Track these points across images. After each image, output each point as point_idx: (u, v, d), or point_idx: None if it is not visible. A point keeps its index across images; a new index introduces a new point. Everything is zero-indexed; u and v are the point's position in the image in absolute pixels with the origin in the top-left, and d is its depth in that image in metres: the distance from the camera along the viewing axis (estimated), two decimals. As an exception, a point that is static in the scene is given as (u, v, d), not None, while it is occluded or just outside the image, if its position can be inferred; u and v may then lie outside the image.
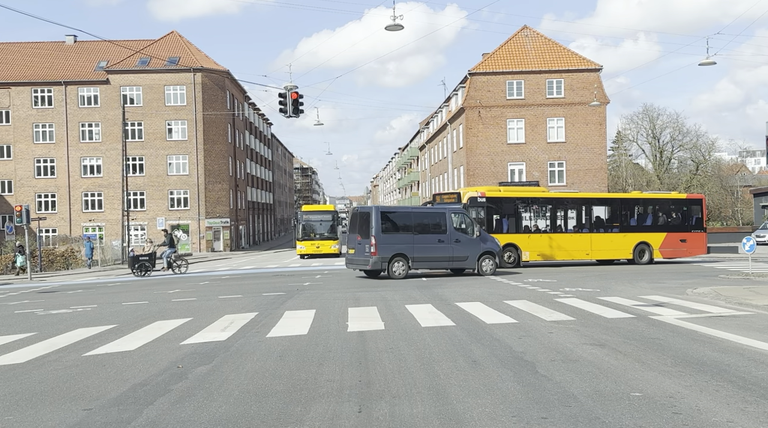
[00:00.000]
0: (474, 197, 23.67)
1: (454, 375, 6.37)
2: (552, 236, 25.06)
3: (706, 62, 24.80)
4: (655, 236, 26.53)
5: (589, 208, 26.22)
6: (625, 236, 26.07)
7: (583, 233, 25.54)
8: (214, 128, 52.20)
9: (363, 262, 19.56)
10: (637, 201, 27.22)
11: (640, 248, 26.15)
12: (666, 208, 27.38)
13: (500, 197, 24.71)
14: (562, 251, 25.06)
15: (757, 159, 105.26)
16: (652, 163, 69.97)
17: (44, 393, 6.02)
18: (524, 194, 25.96)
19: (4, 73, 52.27)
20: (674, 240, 26.87)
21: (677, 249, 27.07)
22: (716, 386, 5.77)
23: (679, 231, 27.05)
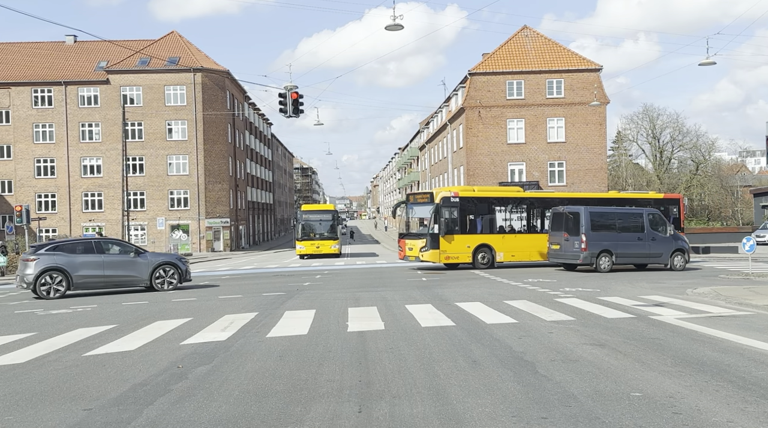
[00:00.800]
0: (447, 197, 23.31)
1: (454, 375, 6.37)
2: (527, 236, 24.72)
3: (706, 62, 24.80)
4: None
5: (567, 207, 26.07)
6: None
7: None
8: (214, 128, 52.20)
9: (572, 257, 21.55)
10: (613, 201, 26.62)
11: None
12: (643, 207, 27.03)
13: (473, 197, 24.34)
14: (537, 252, 24.57)
15: (757, 159, 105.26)
16: (652, 163, 69.97)
17: (44, 393, 6.02)
18: (498, 194, 25.63)
19: (4, 73, 52.27)
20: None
21: None
22: (716, 386, 5.77)
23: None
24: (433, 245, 22.94)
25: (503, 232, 24.54)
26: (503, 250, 24.09)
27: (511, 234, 24.55)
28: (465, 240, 23.56)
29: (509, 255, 24.17)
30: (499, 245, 24.12)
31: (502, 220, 24.92)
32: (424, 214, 23.87)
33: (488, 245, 23.85)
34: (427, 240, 23.07)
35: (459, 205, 23.51)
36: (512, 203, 25.06)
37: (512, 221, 25.05)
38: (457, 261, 23.56)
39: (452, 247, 23.22)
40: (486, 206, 24.40)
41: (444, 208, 23.19)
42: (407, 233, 24.78)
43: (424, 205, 23.91)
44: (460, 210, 23.65)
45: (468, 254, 23.46)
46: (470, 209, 24.03)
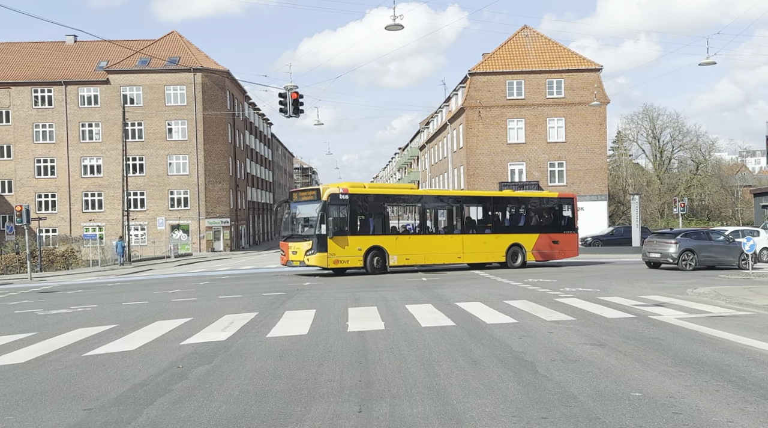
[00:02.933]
0: (335, 194, 21.17)
1: (454, 375, 6.37)
2: (422, 237, 23.11)
3: (706, 62, 24.80)
4: (527, 237, 25.31)
5: (460, 207, 24.50)
6: (497, 237, 24.65)
7: (454, 235, 23.82)
8: (214, 128, 52.20)
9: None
10: (510, 200, 25.89)
11: (513, 250, 24.84)
12: (538, 208, 26.40)
13: (365, 194, 22.28)
14: (432, 254, 23.23)
15: (757, 159, 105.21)
16: (652, 163, 69.95)
17: (44, 393, 6.02)
18: (391, 191, 23.70)
19: (4, 73, 52.27)
20: (547, 242, 25.83)
21: (550, 251, 26.06)
22: (716, 386, 5.77)
23: (551, 232, 26.06)
24: (320, 248, 20.72)
25: (396, 233, 22.75)
26: (397, 252, 22.28)
27: (405, 235, 22.86)
28: (356, 242, 21.53)
29: (403, 258, 22.42)
30: (393, 247, 22.24)
31: (396, 219, 23.31)
32: (310, 213, 21.47)
33: (381, 248, 21.96)
34: (313, 242, 20.79)
35: (349, 203, 21.40)
36: (406, 202, 23.50)
37: (407, 220, 23.67)
38: (347, 265, 21.61)
39: (342, 249, 21.22)
40: (378, 204, 22.35)
41: (332, 206, 21.06)
42: (291, 235, 22.11)
43: (309, 203, 21.71)
44: (351, 209, 21.54)
45: (359, 258, 21.53)
46: (361, 208, 21.98)
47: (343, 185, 22.26)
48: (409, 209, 23.61)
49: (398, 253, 22.30)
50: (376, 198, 22.38)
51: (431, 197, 24.56)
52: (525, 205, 26.00)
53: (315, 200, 21.42)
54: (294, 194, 22.98)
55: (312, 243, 20.81)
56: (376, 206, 22.33)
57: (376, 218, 22.28)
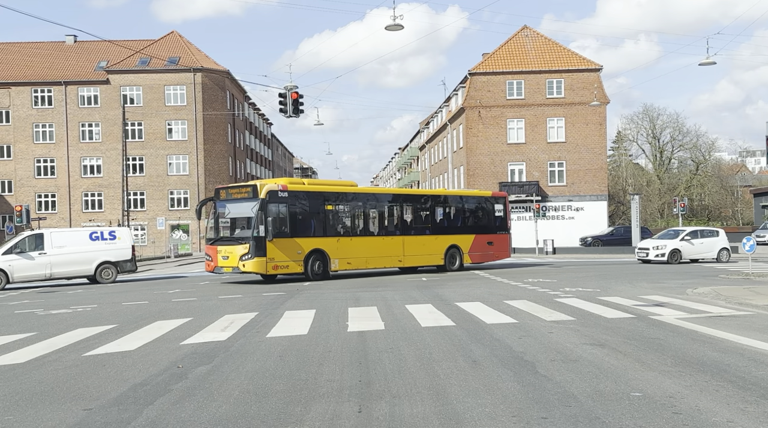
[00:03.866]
0: (274, 191, 19.16)
1: (454, 375, 6.37)
2: (363, 239, 21.61)
3: (706, 62, 24.81)
4: (464, 238, 24.30)
5: (400, 206, 23.20)
6: (436, 238, 23.48)
7: (395, 236, 22.42)
8: (214, 128, 52.20)
9: None
10: (447, 199, 24.78)
11: (451, 253, 23.73)
12: (474, 207, 25.43)
13: (305, 191, 20.50)
14: (374, 258, 21.67)
15: (757, 159, 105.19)
16: (652, 163, 69.99)
17: (44, 393, 6.02)
18: (331, 188, 21.72)
19: (4, 73, 52.27)
20: (482, 243, 24.91)
21: (485, 253, 25.15)
22: (716, 386, 5.77)
23: (486, 233, 25.14)
24: (258, 252, 18.58)
25: (338, 235, 20.94)
26: (338, 256, 20.56)
27: (346, 237, 21.10)
28: (296, 245, 19.57)
29: (345, 263, 20.78)
30: (334, 250, 20.49)
31: (337, 220, 21.44)
32: (245, 212, 19.32)
33: (322, 251, 20.14)
34: (250, 246, 18.59)
35: (288, 201, 19.55)
36: (347, 200, 21.71)
37: (348, 220, 21.77)
38: (287, 271, 19.56)
39: (282, 253, 19.15)
40: (319, 202, 20.58)
41: (271, 205, 19.00)
42: (220, 238, 19.86)
43: (243, 201, 19.36)
44: (290, 208, 19.64)
45: (299, 262, 19.58)
46: (301, 207, 20.12)
47: (282, 181, 20.25)
48: (350, 209, 21.83)
49: (340, 257, 20.61)
50: (316, 196, 20.62)
51: (371, 195, 23.00)
52: (462, 204, 25.05)
53: (250, 198, 19.09)
54: (222, 192, 20.39)
55: (249, 247, 18.61)
56: (317, 204, 20.56)
57: (316, 219, 20.51)
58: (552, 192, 44.01)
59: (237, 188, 20.25)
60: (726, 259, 27.37)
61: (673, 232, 28.11)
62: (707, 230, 28.84)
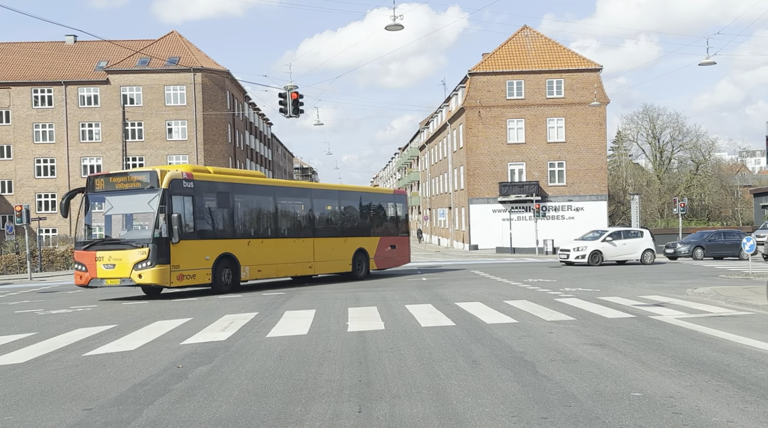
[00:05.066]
0: (178, 180, 15.52)
1: (454, 375, 6.37)
2: (275, 242, 18.54)
3: (706, 62, 24.80)
4: (370, 241, 21.91)
5: (310, 203, 20.04)
6: (345, 241, 20.84)
7: (306, 238, 19.55)
8: (214, 128, 52.22)
9: None
10: (354, 196, 22.24)
11: (359, 258, 21.19)
12: (379, 205, 23.01)
13: (214, 181, 17.09)
14: (285, 264, 18.73)
15: (757, 159, 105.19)
16: (652, 163, 69.96)
17: (44, 393, 6.02)
18: (241, 179, 18.44)
19: (4, 73, 52.27)
20: (386, 247, 22.67)
21: (389, 258, 22.81)
22: (716, 386, 5.77)
23: (389, 235, 22.96)
24: (160, 258, 14.77)
25: (248, 236, 17.69)
26: (249, 262, 17.30)
27: (257, 239, 17.91)
28: (203, 248, 16.08)
29: (255, 270, 17.52)
30: (245, 255, 17.20)
31: (249, 218, 18.21)
32: (139, 207, 15.54)
33: (232, 257, 16.81)
34: (150, 250, 14.67)
35: (195, 193, 16.06)
36: (258, 194, 18.50)
37: (259, 219, 18.58)
38: (193, 282, 15.81)
39: (188, 259, 15.48)
40: (228, 195, 17.29)
41: (176, 198, 15.36)
42: (100, 241, 15.68)
43: (137, 193, 15.42)
44: (197, 201, 16.13)
45: (207, 271, 15.98)
46: (209, 201, 16.77)
47: (185, 168, 16.69)
48: (261, 205, 18.61)
49: (251, 263, 17.38)
50: (225, 188, 17.31)
51: (283, 189, 19.90)
52: (368, 202, 22.49)
53: (147, 189, 15.24)
54: (100, 181, 16.11)
55: (148, 252, 14.69)
56: (226, 198, 17.22)
57: (226, 216, 17.20)
58: (552, 192, 44.00)
59: (124, 176, 16.13)
60: (650, 261, 26.84)
61: (596, 233, 27.85)
62: (632, 231, 28.27)
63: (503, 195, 43.28)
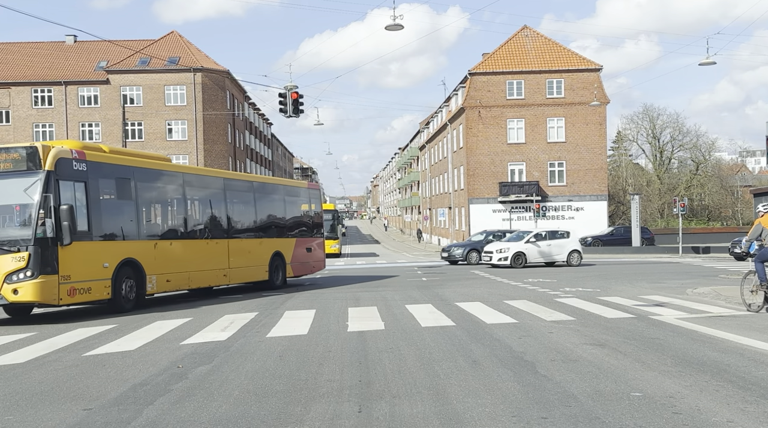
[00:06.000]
0: (67, 160, 11.82)
1: (454, 375, 6.37)
2: (186, 244, 15.00)
3: (706, 62, 24.80)
4: (287, 243, 19.15)
5: (223, 196, 16.65)
6: (261, 243, 17.90)
7: (220, 240, 16.13)
8: (214, 128, 52.22)
9: None
10: (270, 189, 19.37)
11: (276, 263, 18.32)
12: (293, 201, 19.98)
13: (113, 165, 13.10)
14: (198, 273, 15.06)
15: (757, 159, 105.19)
16: (652, 163, 69.97)
17: (44, 393, 6.02)
18: (148, 163, 14.25)
19: (4, 73, 52.27)
20: (303, 250, 19.99)
21: (305, 263, 20.16)
22: (716, 386, 5.77)
23: (306, 236, 20.29)
24: (44, 266, 11.16)
25: (154, 237, 14.01)
26: (156, 270, 13.61)
27: (165, 240, 14.24)
28: (101, 253, 12.38)
29: (163, 280, 13.84)
30: (151, 261, 13.49)
31: (155, 213, 14.52)
32: (15, 196, 11.47)
33: (136, 263, 13.05)
34: (30, 255, 11.06)
35: (88, 178, 12.22)
36: (165, 182, 14.76)
37: (167, 215, 15.00)
38: (89, 298, 12.14)
39: (81, 267, 11.80)
40: (129, 184, 13.27)
41: (64, 184, 11.69)
42: None
43: (10, 176, 11.52)
44: (91, 190, 12.30)
45: (106, 282, 12.32)
46: (106, 190, 12.93)
47: (71, 144, 12.60)
48: (169, 196, 14.94)
49: (158, 271, 13.68)
50: (126, 173, 13.27)
51: (194, 177, 16.19)
52: (283, 196, 19.45)
53: (23, 171, 11.46)
54: None
55: (27, 257, 11.06)
56: (127, 187, 13.26)
57: (127, 210, 13.26)
58: (552, 192, 44.01)
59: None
60: (577, 262, 26.03)
61: (521, 234, 27.20)
62: (558, 232, 27.33)
63: (503, 195, 43.28)
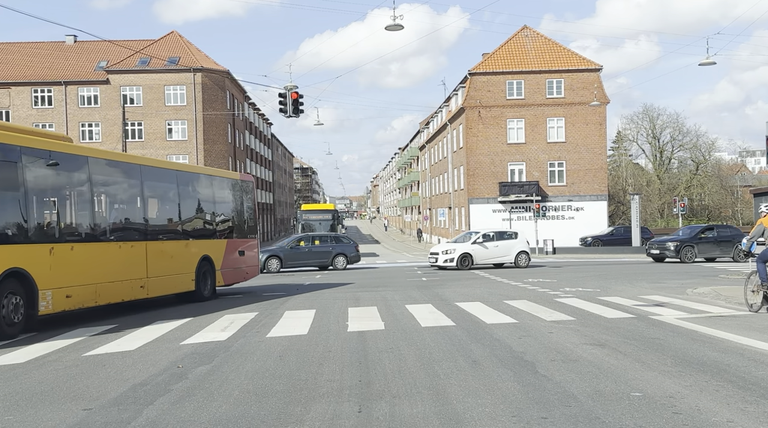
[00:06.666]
0: None
1: (454, 375, 6.37)
2: (93, 248, 11.70)
3: (706, 62, 24.79)
4: (217, 246, 15.79)
5: (140, 186, 13.38)
6: (187, 246, 14.52)
7: (136, 243, 12.89)
8: (214, 128, 52.23)
9: None
10: (198, 181, 15.55)
11: (204, 270, 14.91)
12: (224, 195, 16.64)
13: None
14: (108, 285, 11.86)
15: (757, 159, 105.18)
16: (652, 163, 69.96)
17: (44, 393, 6.02)
18: (43, 143, 10.86)
19: (4, 73, 52.27)
20: (234, 253, 16.59)
21: (237, 269, 16.70)
22: (716, 386, 5.77)
23: (238, 237, 16.92)
24: None
25: (51, 239, 10.67)
26: (52, 284, 10.41)
27: (65, 244, 10.91)
28: None
29: (62, 296, 10.62)
30: (45, 271, 10.32)
31: (52, 208, 11.04)
32: None
33: (24, 274, 9.86)
34: None
35: None
36: (69, 169, 11.47)
37: (70, 211, 11.50)
38: None
39: None
40: (16, 169, 10.07)
41: None
42: None
43: None
44: None
45: None
46: None
47: None
48: (69, 186, 11.58)
49: (55, 285, 10.49)
50: (11, 155, 10.00)
51: (103, 163, 12.44)
52: (212, 189, 15.99)
53: None
54: None
55: None
56: (10, 172, 9.98)
57: (9, 204, 9.92)
58: (552, 192, 44.01)
59: None
60: (525, 264, 25.55)
61: (468, 235, 26.57)
62: (506, 233, 26.78)
63: (503, 195, 43.28)
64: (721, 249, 27.12)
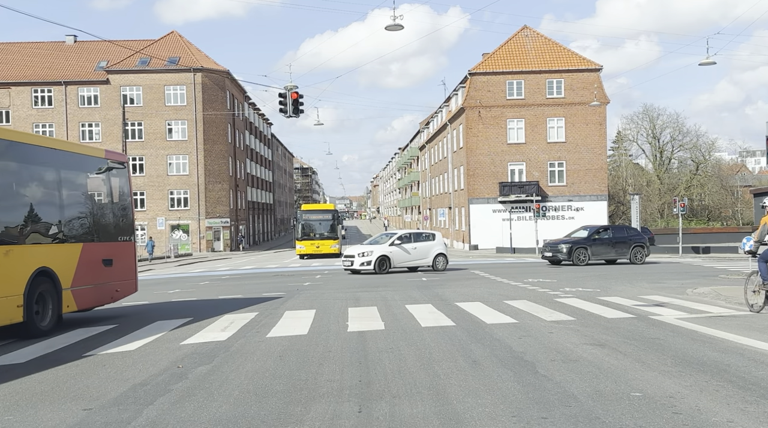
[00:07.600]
0: None
1: (454, 375, 6.37)
2: None
3: (706, 62, 24.78)
4: (65, 253, 10.64)
5: None
6: (6, 254, 9.13)
7: None
8: (214, 128, 52.23)
9: None
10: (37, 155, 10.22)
11: (41, 291, 9.85)
12: (80, 181, 11.60)
13: None
14: None
15: (757, 159, 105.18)
16: (652, 163, 69.97)
17: (44, 393, 6.02)
18: None
19: (4, 73, 52.28)
20: (96, 263, 11.48)
21: (102, 285, 11.62)
22: (716, 386, 5.77)
23: (103, 240, 11.81)
24: None
25: None
26: None
27: None
28: None
29: None
30: None
31: None
32: None
33: None
34: None
35: None
36: None
37: None
38: None
39: None
40: None
41: None
42: None
43: None
44: None
45: None
46: None
47: None
48: None
49: None
50: None
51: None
52: (61, 171, 10.91)
53: None
54: None
55: None
56: None
57: None
58: (552, 192, 44.01)
59: None
60: (442, 266, 23.66)
61: (383, 236, 24.93)
62: (423, 234, 24.67)
63: (503, 195, 43.28)
64: (616, 251, 25.88)
